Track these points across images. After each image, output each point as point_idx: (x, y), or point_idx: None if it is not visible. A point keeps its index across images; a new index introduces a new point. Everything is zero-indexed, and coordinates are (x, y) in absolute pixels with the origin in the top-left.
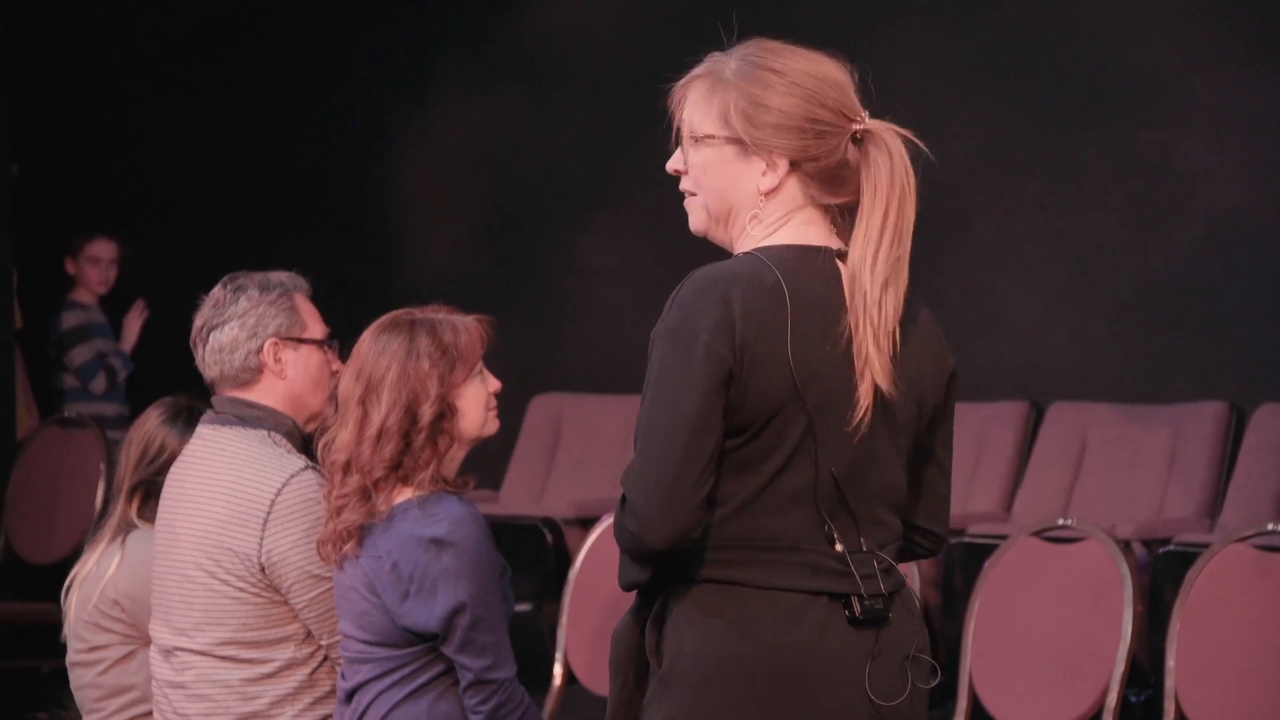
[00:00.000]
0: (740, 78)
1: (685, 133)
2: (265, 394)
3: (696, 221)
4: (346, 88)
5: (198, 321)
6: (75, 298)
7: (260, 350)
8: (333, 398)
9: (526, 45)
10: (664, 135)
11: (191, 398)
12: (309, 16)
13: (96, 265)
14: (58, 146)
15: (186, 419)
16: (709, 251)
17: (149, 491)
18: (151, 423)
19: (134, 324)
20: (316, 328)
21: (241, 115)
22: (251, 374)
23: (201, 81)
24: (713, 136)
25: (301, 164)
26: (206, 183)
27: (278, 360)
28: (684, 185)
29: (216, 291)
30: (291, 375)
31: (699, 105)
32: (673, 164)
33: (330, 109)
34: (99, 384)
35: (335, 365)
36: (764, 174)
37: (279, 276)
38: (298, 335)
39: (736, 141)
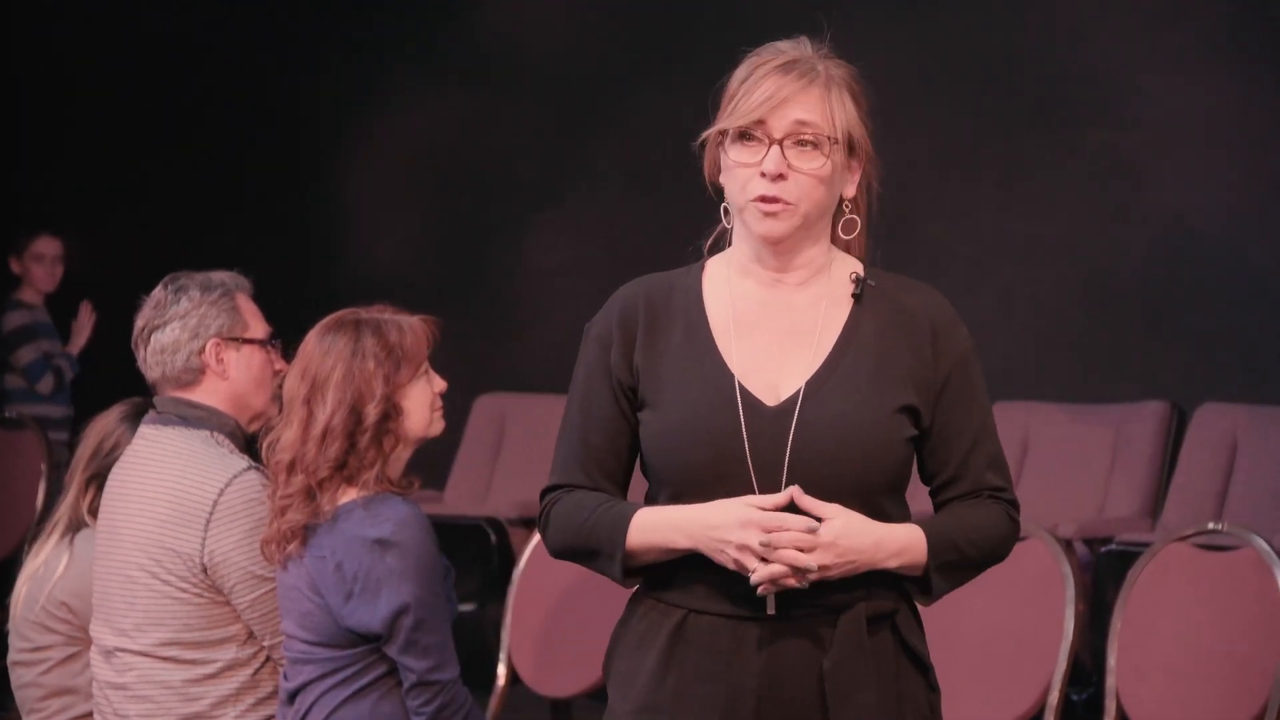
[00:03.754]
0: (852, 80)
1: (801, 134)
2: (208, 394)
3: (785, 231)
4: (293, 85)
5: (139, 323)
6: (20, 297)
7: (202, 351)
8: (277, 397)
9: (475, 45)
10: (611, 136)
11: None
12: (255, 14)
13: (41, 263)
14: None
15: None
16: (654, 253)
17: (101, 486)
18: (112, 418)
19: (83, 328)
20: (259, 327)
21: (187, 112)
22: (194, 375)
23: (147, 79)
24: (835, 140)
25: (248, 162)
26: (152, 181)
27: (220, 360)
28: (780, 192)
29: (157, 292)
30: (234, 375)
31: (838, 107)
32: (778, 167)
33: (276, 107)
34: (46, 384)
35: (278, 365)
36: (853, 179)
37: (220, 276)
38: (240, 335)
39: (849, 146)
